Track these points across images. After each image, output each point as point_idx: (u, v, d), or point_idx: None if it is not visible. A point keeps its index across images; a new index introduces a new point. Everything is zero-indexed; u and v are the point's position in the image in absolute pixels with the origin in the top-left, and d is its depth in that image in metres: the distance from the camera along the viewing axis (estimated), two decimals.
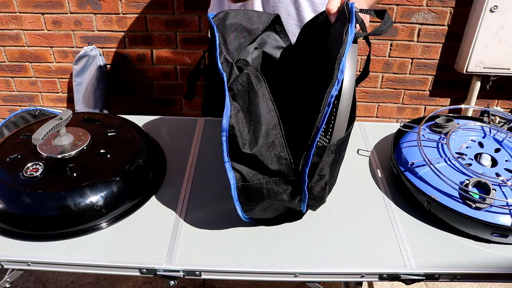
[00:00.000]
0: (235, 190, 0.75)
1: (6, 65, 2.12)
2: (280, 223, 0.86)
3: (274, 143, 0.73)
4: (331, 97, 0.68)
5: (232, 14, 0.86)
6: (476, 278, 0.80)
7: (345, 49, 0.68)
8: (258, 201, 0.77)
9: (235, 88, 0.73)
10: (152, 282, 1.67)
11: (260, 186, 0.74)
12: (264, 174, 0.74)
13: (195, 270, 0.77)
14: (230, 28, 0.85)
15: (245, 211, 0.79)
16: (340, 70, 0.68)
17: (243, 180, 0.74)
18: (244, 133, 0.72)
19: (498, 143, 0.98)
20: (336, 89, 0.68)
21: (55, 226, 0.82)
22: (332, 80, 0.68)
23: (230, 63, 0.76)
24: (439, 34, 1.93)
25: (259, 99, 0.73)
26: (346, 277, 0.80)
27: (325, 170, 0.73)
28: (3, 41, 2.05)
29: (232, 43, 0.85)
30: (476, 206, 0.83)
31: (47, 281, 1.67)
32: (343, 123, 0.72)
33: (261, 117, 0.73)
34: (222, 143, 0.72)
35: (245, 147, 0.72)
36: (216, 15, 0.83)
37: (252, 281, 1.68)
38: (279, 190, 0.75)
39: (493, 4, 1.76)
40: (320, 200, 0.78)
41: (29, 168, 0.86)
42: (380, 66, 2.03)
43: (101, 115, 1.09)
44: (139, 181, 0.92)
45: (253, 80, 0.74)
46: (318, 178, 0.74)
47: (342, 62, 0.68)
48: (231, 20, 0.85)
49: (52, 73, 2.14)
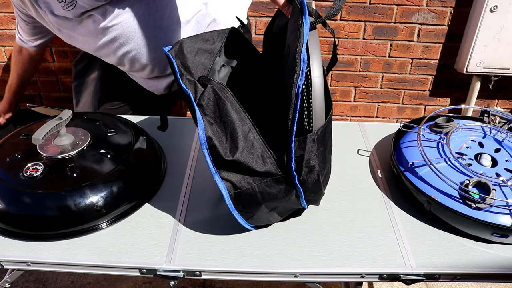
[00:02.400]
0: (229, 199, 0.76)
1: (6, 65, 2.12)
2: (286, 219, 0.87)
3: (254, 145, 0.75)
4: (298, 87, 0.68)
5: (187, 41, 0.85)
6: (476, 278, 0.80)
7: (303, 40, 0.69)
8: (255, 206, 0.77)
9: (204, 103, 0.75)
10: (152, 282, 1.67)
11: (253, 190, 0.75)
12: (253, 177, 0.75)
13: (195, 270, 0.77)
14: (189, 55, 0.85)
15: (246, 219, 0.80)
16: (302, 60, 0.69)
17: (235, 188, 0.75)
18: (223, 142, 0.74)
19: (498, 143, 0.98)
20: (302, 79, 0.68)
21: (55, 226, 0.82)
22: (295, 71, 0.69)
23: (193, 81, 0.78)
24: (439, 34, 1.93)
25: (228, 107, 0.75)
26: (346, 277, 0.80)
27: (312, 161, 0.74)
28: (3, 41, 2.05)
29: (194, 68, 0.85)
30: (476, 206, 0.83)
31: (47, 281, 1.67)
32: (321, 111, 0.72)
33: (235, 124, 0.75)
34: (205, 156, 0.74)
35: (227, 154, 0.74)
36: (172, 47, 0.83)
37: (252, 281, 1.68)
38: (273, 191, 0.75)
39: (493, 4, 1.76)
40: (317, 192, 0.79)
41: (29, 168, 0.86)
42: (380, 66, 2.03)
43: (101, 115, 1.09)
44: (139, 181, 0.92)
45: (218, 92, 0.76)
46: (307, 170, 0.74)
47: (303, 51, 0.69)
48: (188, 48, 0.85)
49: (52, 73, 2.14)
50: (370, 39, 1.96)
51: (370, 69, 2.04)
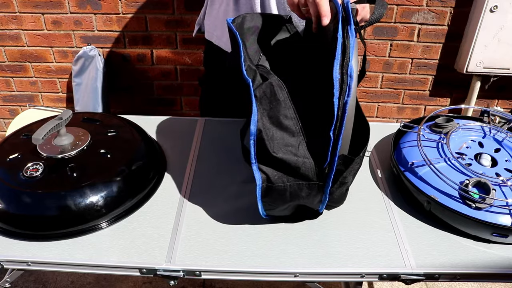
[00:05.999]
0: (259, 189, 0.76)
1: (6, 65, 2.12)
2: (297, 221, 0.87)
3: (299, 149, 0.75)
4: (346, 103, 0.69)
5: (249, 17, 0.87)
6: (476, 278, 0.80)
7: (350, 53, 0.69)
8: (280, 202, 0.78)
9: (259, 95, 0.75)
10: (152, 282, 1.67)
11: (284, 188, 0.76)
12: (289, 176, 0.76)
13: (195, 270, 0.77)
14: (248, 32, 0.86)
15: (266, 209, 0.81)
16: (349, 75, 0.69)
17: (268, 181, 0.76)
18: (271, 137, 0.75)
19: (498, 143, 0.98)
20: (349, 94, 0.69)
21: (55, 226, 0.82)
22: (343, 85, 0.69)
23: (254, 70, 0.77)
24: (439, 34, 1.93)
25: (281, 107, 0.76)
26: (346, 277, 0.80)
27: (348, 178, 0.76)
28: (3, 41, 2.05)
29: (250, 47, 0.86)
30: (476, 206, 0.83)
31: (47, 281, 1.67)
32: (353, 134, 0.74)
33: (285, 124, 0.75)
34: (250, 147, 0.74)
35: (273, 150, 0.74)
36: (234, 20, 0.84)
37: (252, 281, 1.68)
38: (302, 194, 0.77)
39: (493, 4, 1.76)
40: (338, 202, 0.82)
41: (29, 168, 0.86)
42: (380, 66, 2.03)
43: (101, 115, 1.09)
44: (139, 181, 0.92)
45: (275, 89, 0.76)
46: (340, 184, 0.76)
47: (350, 66, 0.69)
48: (249, 24, 0.87)
49: (52, 73, 2.14)
50: (370, 39, 1.96)
51: (370, 69, 2.04)
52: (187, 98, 2.19)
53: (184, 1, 1.92)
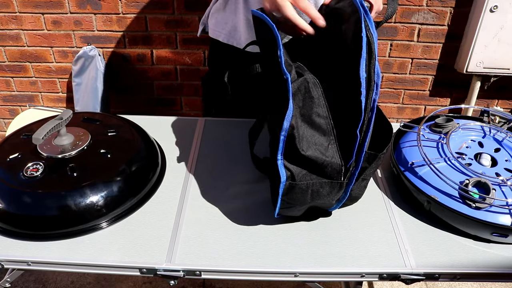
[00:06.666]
0: (282, 187, 0.75)
1: (6, 65, 2.12)
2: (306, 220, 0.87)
3: (328, 148, 0.75)
4: (373, 101, 0.70)
5: None
6: (476, 278, 0.80)
7: (375, 51, 0.69)
8: (299, 202, 0.78)
9: (294, 91, 0.74)
10: (152, 282, 1.67)
11: (307, 187, 0.75)
12: (313, 174, 0.75)
13: (195, 270, 0.77)
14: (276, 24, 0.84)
15: (282, 208, 0.79)
16: (376, 74, 0.70)
17: (292, 179, 0.75)
18: (302, 135, 0.74)
19: (498, 143, 0.98)
20: (377, 93, 0.70)
21: (56, 226, 0.82)
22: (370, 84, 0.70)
23: (291, 66, 0.76)
24: (439, 34, 1.93)
25: (315, 104, 0.75)
26: (346, 277, 0.80)
27: (369, 175, 0.77)
28: (3, 41, 2.05)
29: None
30: (476, 206, 0.83)
31: (47, 281, 1.67)
32: None
33: (318, 123, 0.75)
34: (279, 142, 0.73)
35: (302, 148, 0.73)
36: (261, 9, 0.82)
37: (252, 281, 1.68)
38: (323, 192, 0.76)
39: (493, 4, 1.76)
40: (355, 200, 0.82)
41: (29, 168, 0.87)
42: (380, 66, 2.03)
43: (101, 115, 1.09)
44: (139, 181, 0.92)
45: (310, 86, 0.75)
46: (361, 181, 0.77)
47: (376, 65, 0.69)
48: None
49: (52, 73, 2.14)
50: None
51: None
52: (187, 98, 2.19)
53: (184, 1, 1.92)
